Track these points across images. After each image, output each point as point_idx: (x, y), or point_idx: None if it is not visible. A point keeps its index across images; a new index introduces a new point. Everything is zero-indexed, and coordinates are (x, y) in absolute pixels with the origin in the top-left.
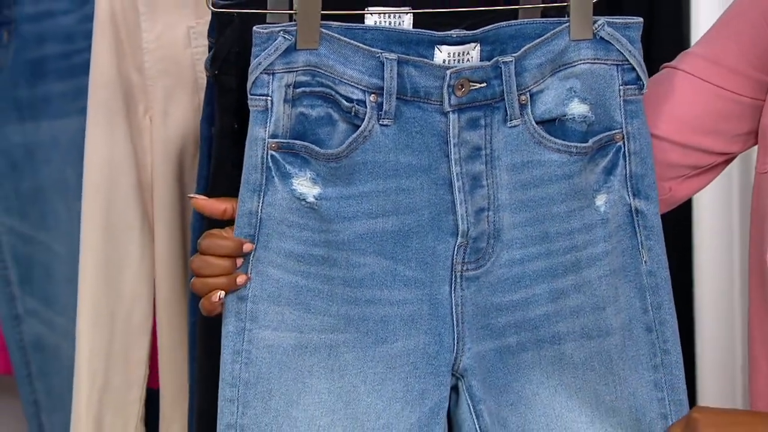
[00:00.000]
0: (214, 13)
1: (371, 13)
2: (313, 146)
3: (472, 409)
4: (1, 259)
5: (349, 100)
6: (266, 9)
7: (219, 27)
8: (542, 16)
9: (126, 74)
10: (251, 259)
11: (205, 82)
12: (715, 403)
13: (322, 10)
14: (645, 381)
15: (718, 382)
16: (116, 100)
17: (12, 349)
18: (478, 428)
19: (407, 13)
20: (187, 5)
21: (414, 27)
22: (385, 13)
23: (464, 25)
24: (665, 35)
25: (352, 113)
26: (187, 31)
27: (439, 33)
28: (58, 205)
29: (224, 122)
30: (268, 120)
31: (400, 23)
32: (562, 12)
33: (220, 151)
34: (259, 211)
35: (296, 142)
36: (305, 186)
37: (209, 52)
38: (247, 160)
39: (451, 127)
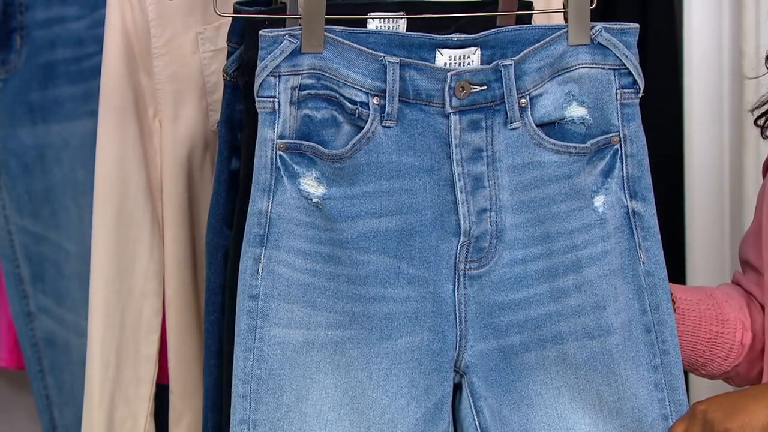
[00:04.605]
0: (242, 21)
1: (372, 18)
2: (319, 146)
3: (472, 406)
4: (14, 258)
5: (352, 102)
6: (285, 14)
7: (250, 35)
8: (516, 23)
9: (136, 78)
10: (263, 258)
11: (213, 85)
12: (708, 396)
13: (327, 15)
14: (645, 382)
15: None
16: (127, 104)
17: (24, 345)
18: (477, 425)
19: (402, 18)
20: (195, 12)
21: (407, 30)
22: (383, 18)
23: (453, 29)
24: (659, 41)
25: (356, 115)
26: (195, 36)
27: (440, 36)
28: (69, 205)
29: (254, 128)
30: (276, 121)
31: (396, 27)
32: (529, 20)
33: (248, 155)
34: (269, 211)
35: (303, 142)
36: (311, 186)
37: (228, 56)
38: (257, 160)
39: (452, 129)
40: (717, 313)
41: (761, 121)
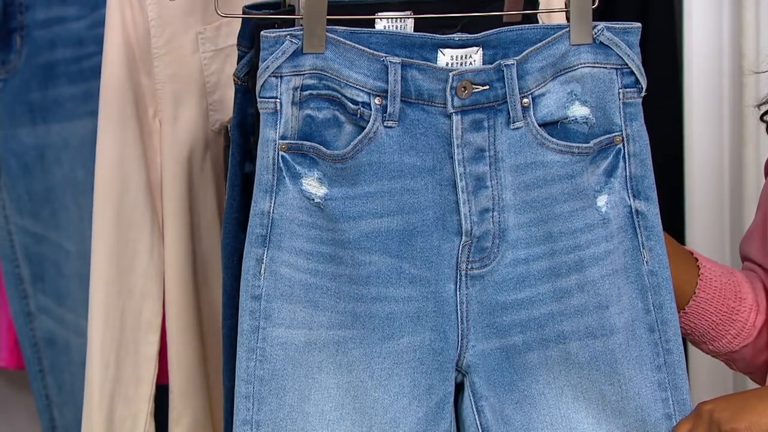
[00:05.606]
0: (252, 24)
1: (380, 18)
2: (321, 147)
3: (473, 405)
4: (14, 258)
5: (354, 102)
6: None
7: (259, 38)
8: (521, 22)
9: (136, 79)
10: (265, 258)
11: (213, 85)
12: (708, 396)
13: (332, 16)
14: (649, 381)
15: (711, 378)
16: (127, 104)
17: (24, 345)
18: (479, 424)
19: (409, 18)
20: (195, 12)
21: (414, 29)
22: (390, 18)
23: (458, 28)
24: (659, 41)
25: (358, 115)
26: (195, 36)
27: (442, 36)
28: (69, 205)
29: None
30: (278, 122)
31: (403, 27)
32: (535, 18)
33: None
34: (271, 211)
35: (305, 143)
36: (313, 186)
37: (239, 60)
38: (259, 161)
39: (454, 129)
40: (736, 290)
41: None
